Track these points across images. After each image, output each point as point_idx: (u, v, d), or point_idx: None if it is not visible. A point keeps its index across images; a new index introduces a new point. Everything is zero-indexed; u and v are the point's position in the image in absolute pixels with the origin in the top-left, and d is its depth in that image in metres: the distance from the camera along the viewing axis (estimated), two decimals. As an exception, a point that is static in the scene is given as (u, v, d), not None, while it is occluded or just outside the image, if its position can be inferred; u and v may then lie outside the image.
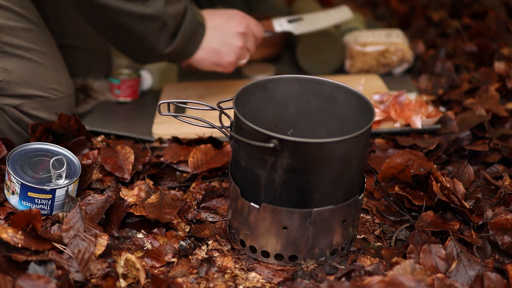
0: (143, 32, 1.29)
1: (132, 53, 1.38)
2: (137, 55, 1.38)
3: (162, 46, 1.33)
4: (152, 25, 1.29)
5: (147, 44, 1.32)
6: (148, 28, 1.29)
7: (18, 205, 1.13)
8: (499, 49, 1.84)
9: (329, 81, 1.15)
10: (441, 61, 1.78)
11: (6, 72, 1.26)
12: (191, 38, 1.37)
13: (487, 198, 1.23)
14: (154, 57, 1.37)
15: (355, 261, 1.08)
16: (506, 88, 1.63)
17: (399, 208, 1.21)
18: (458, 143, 1.38)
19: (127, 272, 1.01)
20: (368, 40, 1.76)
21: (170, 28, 1.31)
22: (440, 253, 1.05)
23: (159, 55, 1.35)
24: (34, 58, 1.30)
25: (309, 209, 1.02)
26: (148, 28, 1.29)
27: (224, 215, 1.18)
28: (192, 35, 1.37)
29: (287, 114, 1.17)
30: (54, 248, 1.03)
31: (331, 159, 0.99)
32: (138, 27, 1.28)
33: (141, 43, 1.32)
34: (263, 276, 1.05)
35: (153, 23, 1.29)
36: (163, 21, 1.29)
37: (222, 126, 1.04)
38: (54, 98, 1.33)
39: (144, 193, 1.19)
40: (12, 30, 1.26)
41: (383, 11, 2.38)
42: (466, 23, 2.12)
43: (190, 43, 1.38)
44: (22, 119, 1.30)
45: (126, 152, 1.27)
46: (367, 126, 1.02)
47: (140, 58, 1.39)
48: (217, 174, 1.29)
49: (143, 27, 1.29)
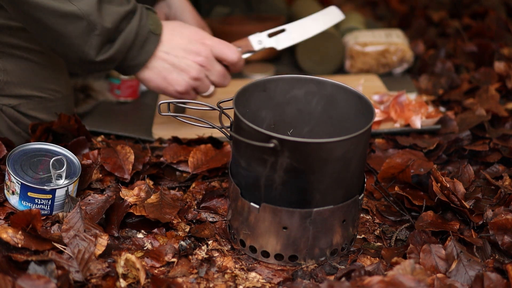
0: (67, 33, 1.17)
1: (66, 58, 1.26)
2: (71, 61, 1.24)
3: (92, 52, 1.19)
4: (76, 25, 1.16)
5: (74, 47, 1.19)
6: (71, 28, 1.16)
7: (18, 205, 1.13)
8: (499, 49, 1.84)
9: (329, 81, 1.15)
10: (441, 61, 1.78)
11: (4, 72, 1.26)
12: (136, 47, 1.23)
13: (487, 198, 1.23)
14: (90, 65, 1.22)
15: (355, 261, 1.08)
16: (506, 88, 1.63)
17: (399, 208, 1.21)
18: (458, 143, 1.38)
19: (127, 272, 1.01)
20: (368, 40, 1.76)
21: (102, 33, 1.17)
22: (440, 253, 1.05)
23: (91, 62, 1.21)
24: (32, 58, 1.29)
25: (309, 209, 1.02)
26: (71, 28, 1.16)
27: (224, 215, 1.18)
28: (138, 43, 1.23)
29: (287, 114, 1.17)
30: (54, 248, 1.03)
31: (331, 159, 0.99)
32: (60, 26, 1.16)
33: (68, 46, 1.19)
34: (263, 276, 1.05)
35: (77, 23, 1.16)
36: (91, 22, 1.16)
37: (222, 126, 1.04)
38: (52, 98, 1.33)
39: (144, 193, 1.19)
40: (11, 30, 1.26)
41: (383, 11, 2.38)
42: (466, 23, 2.12)
43: (134, 53, 1.24)
44: (20, 120, 1.30)
45: (126, 152, 1.27)
46: (367, 126, 1.02)
47: (76, 65, 1.25)
48: (217, 174, 1.29)
49: (66, 27, 1.16)
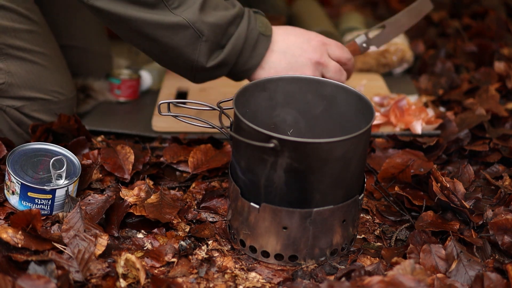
0: (175, 43, 1.16)
1: (178, 68, 1.24)
2: (181, 70, 1.23)
3: (202, 59, 1.18)
4: (183, 35, 1.15)
5: (184, 57, 1.18)
6: (179, 38, 1.16)
7: (18, 205, 1.13)
8: (499, 49, 1.84)
9: (329, 81, 1.15)
10: (441, 61, 1.78)
11: (9, 74, 1.26)
12: (247, 51, 1.21)
13: (487, 198, 1.23)
14: (202, 73, 1.22)
15: (355, 261, 1.08)
16: (506, 88, 1.63)
17: (399, 208, 1.21)
18: (458, 143, 1.38)
19: (127, 272, 1.01)
20: (368, 40, 1.76)
21: (209, 38, 1.16)
22: (440, 253, 1.05)
23: (203, 70, 1.20)
24: (37, 61, 1.30)
25: (309, 209, 1.02)
26: (178, 38, 1.16)
27: (224, 215, 1.18)
28: (248, 47, 1.21)
29: (287, 114, 1.17)
30: (54, 248, 1.03)
31: (331, 159, 0.99)
32: (167, 38, 1.16)
33: (176, 55, 1.18)
34: (263, 276, 1.05)
35: (184, 32, 1.15)
36: (197, 30, 1.15)
37: (222, 126, 1.04)
38: (56, 100, 1.33)
39: (144, 193, 1.19)
40: (16, 32, 1.26)
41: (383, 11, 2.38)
42: (466, 23, 2.12)
43: (246, 56, 1.21)
44: (23, 121, 1.30)
45: (126, 152, 1.27)
46: (367, 126, 1.02)
47: (186, 74, 1.23)
48: (217, 174, 1.29)
49: (173, 38, 1.16)
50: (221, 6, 1.19)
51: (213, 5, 1.18)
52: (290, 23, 1.92)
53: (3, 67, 1.26)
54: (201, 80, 1.24)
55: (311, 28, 1.76)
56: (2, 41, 1.24)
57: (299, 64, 1.24)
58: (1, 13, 1.24)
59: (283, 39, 1.25)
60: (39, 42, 1.30)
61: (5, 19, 1.24)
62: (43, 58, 1.31)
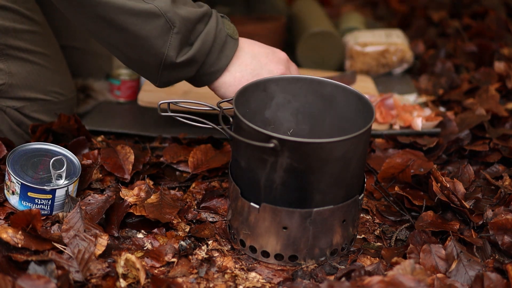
0: (145, 33, 1.10)
1: (140, 65, 1.17)
2: (147, 67, 1.16)
3: (172, 52, 1.12)
4: (154, 24, 1.10)
5: (153, 49, 1.12)
6: (149, 28, 1.10)
7: (18, 205, 1.13)
8: (499, 49, 1.84)
9: (329, 81, 1.15)
10: (441, 61, 1.78)
11: (9, 75, 1.26)
12: (216, 50, 1.17)
13: (487, 198, 1.23)
14: (170, 70, 1.16)
15: (355, 261, 1.08)
16: (506, 88, 1.63)
17: (399, 208, 1.21)
18: (458, 143, 1.38)
19: (127, 272, 1.01)
20: (368, 40, 1.76)
21: (181, 30, 1.11)
22: (440, 253, 1.05)
23: (172, 65, 1.15)
24: (37, 61, 1.29)
25: (309, 209, 1.02)
26: (149, 27, 1.10)
27: (224, 215, 1.18)
28: (217, 46, 1.17)
29: (287, 114, 1.17)
30: (54, 248, 1.03)
31: (331, 159, 0.99)
32: (138, 26, 1.10)
33: (145, 48, 1.12)
34: (263, 276, 1.05)
35: (155, 21, 1.10)
36: (169, 19, 1.10)
37: (222, 126, 1.04)
38: (56, 101, 1.33)
39: (144, 193, 1.19)
40: (17, 32, 1.26)
41: (383, 11, 2.38)
42: (466, 23, 2.12)
43: (214, 56, 1.17)
44: (23, 121, 1.30)
45: (126, 152, 1.27)
46: (367, 126, 1.02)
47: (152, 72, 1.17)
48: (217, 174, 1.29)
49: (143, 27, 1.10)
50: (189, 2, 1.16)
51: (182, 0, 1.14)
52: (290, 23, 1.92)
53: (4, 68, 1.26)
54: (165, 81, 1.18)
55: (311, 28, 1.76)
56: (3, 41, 1.24)
57: (264, 72, 1.20)
58: (3, 14, 1.24)
59: (249, 46, 1.22)
60: (40, 42, 1.30)
61: (7, 19, 1.24)
62: (44, 58, 1.31)
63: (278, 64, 1.22)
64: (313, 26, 1.78)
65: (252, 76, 1.19)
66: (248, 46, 1.22)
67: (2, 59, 1.25)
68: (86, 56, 1.56)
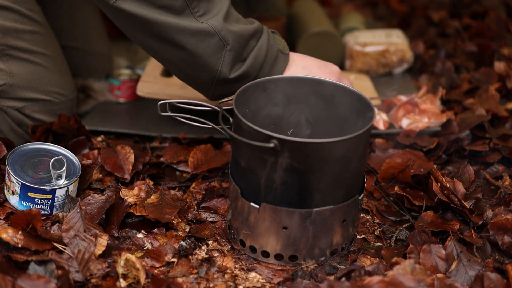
0: (200, 51, 1.14)
1: (195, 79, 1.20)
2: (201, 82, 1.20)
3: (225, 68, 1.16)
4: (208, 42, 1.14)
5: (208, 66, 1.15)
6: (204, 46, 1.14)
7: (18, 205, 1.13)
8: (499, 49, 1.84)
9: (329, 81, 1.15)
10: (441, 61, 1.78)
11: (10, 75, 1.26)
12: (268, 65, 1.20)
13: (487, 198, 1.23)
14: (223, 85, 1.19)
15: (355, 261, 1.08)
16: (506, 88, 1.63)
17: (399, 208, 1.21)
18: (458, 143, 1.38)
19: (127, 272, 1.01)
20: (368, 40, 1.76)
21: (233, 47, 1.15)
22: (440, 253, 1.05)
23: (225, 81, 1.18)
24: (38, 62, 1.30)
25: (309, 209, 1.02)
26: (203, 45, 1.14)
27: (224, 215, 1.18)
28: (269, 61, 1.20)
29: (287, 114, 1.17)
30: (54, 248, 1.03)
31: (331, 159, 0.99)
32: (193, 45, 1.13)
33: (200, 65, 1.16)
34: (263, 276, 1.05)
35: (209, 40, 1.14)
36: (222, 38, 1.14)
37: (222, 126, 1.04)
38: (57, 101, 1.33)
39: (144, 193, 1.19)
40: (19, 33, 1.26)
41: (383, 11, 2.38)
42: (466, 23, 2.12)
43: (266, 71, 1.20)
44: (23, 122, 1.30)
45: (126, 152, 1.27)
46: (367, 126, 1.02)
47: (205, 87, 1.20)
48: (217, 174, 1.29)
49: (198, 45, 1.14)
50: (241, 20, 1.19)
51: (234, 17, 1.18)
52: (290, 23, 1.92)
53: (5, 68, 1.26)
54: (218, 94, 1.21)
55: (311, 28, 1.76)
56: (4, 42, 1.24)
57: None
58: (4, 14, 1.24)
59: (300, 58, 1.25)
60: (41, 43, 1.30)
61: (8, 19, 1.24)
62: (45, 59, 1.31)
63: (331, 75, 1.25)
64: (313, 26, 1.78)
65: None
66: (300, 59, 1.25)
67: (3, 60, 1.25)
68: (87, 57, 1.56)
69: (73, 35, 1.53)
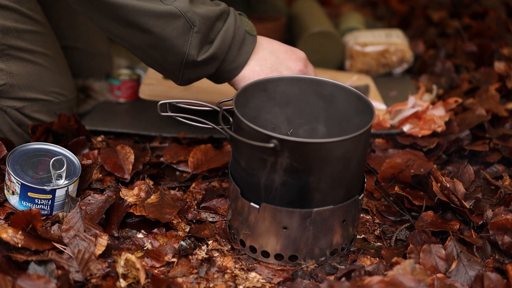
0: (166, 34, 1.12)
1: (162, 64, 1.18)
2: (168, 66, 1.17)
3: (193, 51, 1.14)
4: (174, 24, 1.12)
5: (175, 49, 1.13)
6: (170, 29, 1.12)
7: (18, 205, 1.13)
8: (499, 49, 1.84)
9: (329, 81, 1.15)
10: (441, 61, 1.78)
11: (10, 75, 1.26)
12: (236, 46, 1.18)
13: (487, 198, 1.23)
14: (192, 68, 1.17)
15: (355, 261, 1.08)
16: (506, 88, 1.63)
17: (399, 208, 1.21)
18: (458, 143, 1.38)
19: (127, 272, 1.01)
20: (368, 40, 1.76)
21: (200, 29, 1.13)
22: (440, 253, 1.05)
23: (193, 64, 1.16)
24: (39, 61, 1.29)
25: (309, 209, 1.02)
26: (170, 28, 1.12)
27: (224, 215, 1.18)
28: (236, 42, 1.18)
29: (287, 114, 1.17)
30: (54, 248, 1.03)
31: (331, 159, 0.99)
32: (159, 27, 1.11)
33: (167, 49, 1.14)
34: (263, 276, 1.05)
35: (175, 22, 1.11)
36: (188, 19, 1.12)
37: (222, 126, 1.04)
38: (57, 101, 1.33)
39: (144, 193, 1.19)
40: (19, 32, 1.26)
41: (383, 11, 2.38)
42: (466, 23, 2.12)
43: (234, 53, 1.19)
44: (23, 121, 1.30)
45: (126, 152, 1.27)
46: (367, 126, 1.02)
47: (173, 71, 1.18)
48: (217, 174, 1.29)
49: (164, 28, 1.11)
50: (207, 1, 1.17)
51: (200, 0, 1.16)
52: (290, 23, 1.92)
53: (5, 68, 1.26)
54: (187, 79, 1.20)
55: (311, 28, 1.76)
56: (4, 42, 1.24)
57: (283, 68, 1.22)
58: (5, 13, 1.24)
59: (268, 43, 1.24)
60: (42, 42, 1.30)
61: (9, 19, 1.24)
62: (45, 59, 1.31)
63: (298, 61, 1.24)
64: (313, 26, 1.78)
65: (271, 70, 1.21)
66: (267, 43, 1.24)
67: (4, 59, 1.25)
68: (87, 57, 1.56)
69: (74, 35, 1.53)
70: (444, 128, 1.39)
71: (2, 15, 1.23)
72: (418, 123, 1.41)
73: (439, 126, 1.39)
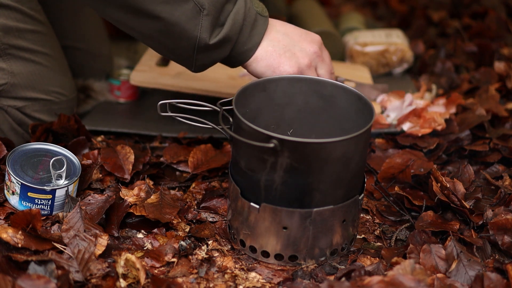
0: (176, 19, 1.10)
1: (176, 51, 1.16)
2: (182, 52, 1.15)
3: (205, 34, 1.11)
4: (183, 8, 1.09)
5: (186, 34, 1.11)
6: (179, 13, 1.09)
7: (18, 205, 1.13)
8: (499, 49, 1.84)
9: (329, 81, 1.15)
10: (441, 61, 1.78)
11: (11, 74, 1.26)
12: (247, 28, 1.15)
13: (487, 198, 1.23)
14: (205, 52, 1.15)
15: (355, 261, 1.08)
16: (506, 88, 1.63)
17: (399, 208, 1.21)
18: (458, 143, 1.38)
19: (127, 272, 1.01)
20: (368, 40, 1.76)
21: (210, 11, 1.10)
22: (440, 253, 1.05)
23: (206, 48, 1.13)
24: (40, 61, 1.29)
25: (309, 209, 1.02)
26: (179, 12, 1.09)
27: (224, 215, 1.18)
28: (248, 24, 1.15)
29: (287, 114, 1.17)
30: (54, 248, 1.03)
31: (331, 159, 0.99)
32: (168, 13, 1.09)
33: (179, 34, 1.11)
34: (263, 276, 1.05)
35: (184, 6, 1.09)
36: (197, 2, 1.09)
37: (222, 126, 1.04)
38: (58, 101, 1.33)
39: (144, 193, 1.19)
40: (20, 32, 1.26)
41: (383, 11, 2.38)
42: (466, 23, 2.12)
43: (246, 34, 1.16)
44: (24, 121, 1.30)
45: (126, 152, 1.27)
46: (367, 126, 1.02)
47: (188, 58, 1.16)
48: (217, 174, 1.29)
49: (174, 13, 1.09)
50: None
51: None
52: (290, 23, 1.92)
53: (6, 68, 1.26)
54: (201, 64, 1.18)
55: (311, 28, 1.76)
56: (6, 41, 1.24)
57: (297, 49, 1.19)
58: (6, 13, 1.24)
59: (281, 25, 1.21)
60: (43, 42, 1.30)
61: (10, 19, 1.24)
62: (46, 58, 1.31)
63: (312, 43, 1.21)
64: (313, 26, 1.78)
65: (284, 51, 1.18)
66: (280, 25, 1.21)
67: (5, 59, 1.25)
68: (87, 57, 1.56)
69: (74, 35, 1.53)
70: (444, 126, 1.39)
71: (3, 15, 1.24)
72: (418, 121, 1.41)
73: (439, 125, 1.39)
